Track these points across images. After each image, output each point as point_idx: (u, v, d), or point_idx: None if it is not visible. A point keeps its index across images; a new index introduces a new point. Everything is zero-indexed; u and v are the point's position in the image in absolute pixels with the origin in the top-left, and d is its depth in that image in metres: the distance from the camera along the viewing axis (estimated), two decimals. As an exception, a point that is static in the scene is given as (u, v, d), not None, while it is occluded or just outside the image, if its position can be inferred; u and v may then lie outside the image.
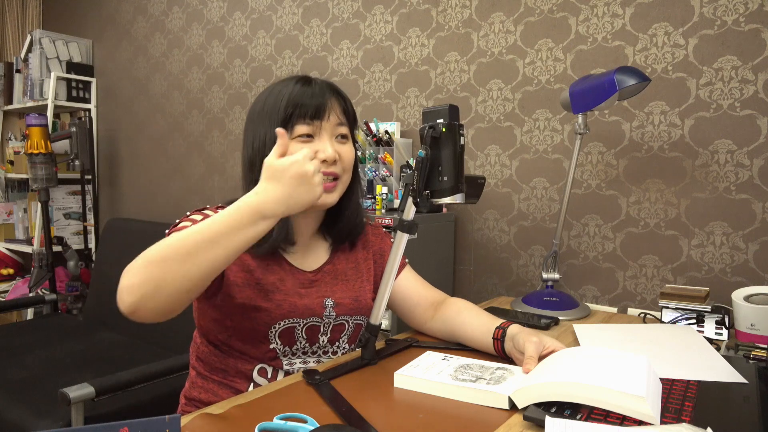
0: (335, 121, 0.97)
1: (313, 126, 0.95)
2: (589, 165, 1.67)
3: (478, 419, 0.78)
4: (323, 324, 1.01)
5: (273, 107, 0.96)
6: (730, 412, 0.77)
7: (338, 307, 1.03)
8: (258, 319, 0.95)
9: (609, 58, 1.62)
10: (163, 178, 2.99)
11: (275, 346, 0.97)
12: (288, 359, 0.99)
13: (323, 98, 0.96)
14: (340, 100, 1.00)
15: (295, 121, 0.94)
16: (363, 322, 1.08)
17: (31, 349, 1.92)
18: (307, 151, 0.80)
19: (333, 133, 0.97)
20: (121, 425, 0.59)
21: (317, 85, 0.98)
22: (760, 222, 1.43)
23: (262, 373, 0.98)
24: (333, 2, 2.23)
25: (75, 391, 1.26)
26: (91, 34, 3.35)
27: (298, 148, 0.93)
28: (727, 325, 1.21)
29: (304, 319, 0.98)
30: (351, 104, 1.03)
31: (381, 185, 1.87)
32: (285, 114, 0.94)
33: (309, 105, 0.94)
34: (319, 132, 0.96)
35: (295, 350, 0.99)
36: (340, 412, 0.78)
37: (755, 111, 1.42)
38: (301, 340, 0.99)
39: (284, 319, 0.96)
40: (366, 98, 2.15)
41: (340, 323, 1.04)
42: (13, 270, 3.41)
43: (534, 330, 1.01)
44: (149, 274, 0.74)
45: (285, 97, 0.95)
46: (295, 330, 0.98)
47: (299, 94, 0.95)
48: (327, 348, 1.03)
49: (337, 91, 1.00)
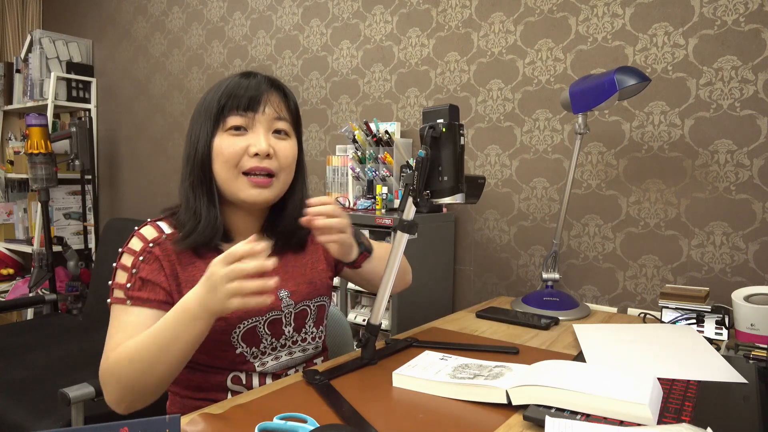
0: (272, 114, 0.94)
1: (246, 118, 0.92)
2: (589, 165, 1.67)
3: (478, 419, 0.78)
4: (284, 315, 0.98)
5: (210, 101, 0.94)
6: (730, 412, 0.77)
7: (295, 295, 1.00)
8: (216, 328, 0.90)
9: (609, 58, 1.62)
10: (163, 178, 2.99)
11: (241, 350, 0.94)
12: (259, 360, 0.96)
13: (259, 90, 0.93)
14: (279, 94, 0.97)
15: (228, 113, 0.92)
16: (326, 303, 1.06)
17: (31, 349, 1.92)
18: (224, 255, 0.76)
19: (269, 127, 0.94)
20: (121, 425, 0.59)
21: (257, 77, 0.96)
22: (760, 222, 1.43)
23: (236, 381, 0.95)
24: (333, 2, 2.23)
25: (75, 391, 1.26)
26: (91, 34, 3.35)
27: (230, 141, 0.92)
28: (727, 325, 1.21)
29: (263, 315, 0.95)
30: (294, 100, 1.00)
31: (381, 185, 1.87)
32: (219, 106, 0.92)
33: (243, 96, 0.92)
34: (252, 125, 0.93)
35: (263, 348, 0.96)
36: (340, 412, 0.78)
37: (755, 111, 1.42)
38: (266, 336, 0.96)
39: (243, 321, 0.93)
40: (366, 98, 2.15)
41: (301, 309, 1.01)
42: (13, 270, 3.41)
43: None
44: (125, 392, 0.84)
45: (221, 90, 0.93)
46: (257, 329, 0.95)
47: (235, 86, 0.93)
48: (295, 337, 1.00)
49: (277, 85, 0.97)
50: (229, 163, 0.92)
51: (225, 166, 0.92)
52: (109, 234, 2.42)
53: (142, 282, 0.89)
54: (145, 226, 0.96)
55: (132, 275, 0.90)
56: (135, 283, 0.89)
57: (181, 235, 0.92)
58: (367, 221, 1.69)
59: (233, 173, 0.92)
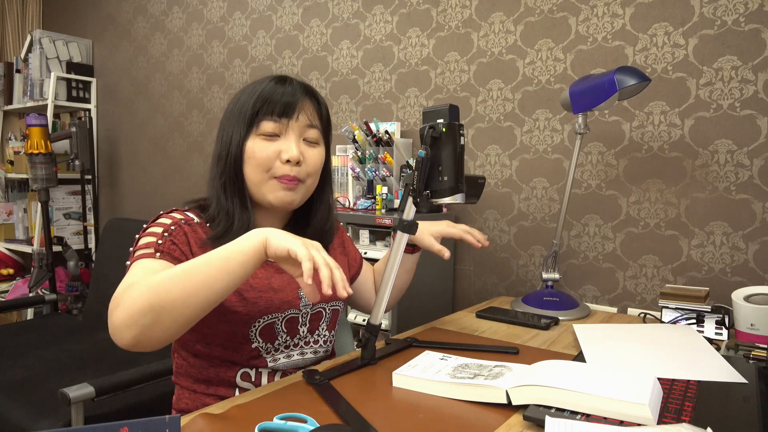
0: (305, 122, 0.95)
1: (279, 124, 0.93)
2: (589, 165, 1.67)
3: (478, 419, 0.78)
4: (301, 314, 1.00)
5: (244, 104, 0.94)
6: (730, 412, 0.77)
7: None
8: (236, 321, 0.93)
9: (609, 58, 1.62)
10: (162, 178, 2.99)
11: (257, 344, 0.96)
12: (272, 356, 0.97)
13: (294, 97, 0.94)
14: (314, 102, 0.97)
15: (262, 118, 0.92)
16: (339, 308, 1.08)
17: (31, 349, 1.92)
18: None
19: (301, 134, 0.95)
20: (121, 425, 0.59)
21: (292, 84, 0.96)
22: (760, 222, 1.43)
23: (245, 378, 0.96)
24: (333, 2, 2.23)
25: (75, 391, 1.26)
26: (91, 34, 3.35)
27: (262, 145, 0.92)
28: (727, 325, 1.21)
29: (282, 312, 0.97)
30: (326, 108, 1.00)
31: (381, 185, 1.87)
32: (253, 110, 0.93)
33: (278, 102, 0.92)
34: (285, 131, 0.93)
35: (278, 345, 0.98)
36: (340, 412, 0.78)
37: (755, 111, 1.42)
38: (282, 333, 0.98)
39: (263, 316, 0.95)
40: (366, 98, 2.15)
41: (317, 311, 1.03)
42: (13, 270, 3.41)
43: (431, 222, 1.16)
44: (149, 303, 0.72)
45: (256, 94, 0.94)
46: (275, 325, 0.97)
47: (270, 91, 0.93)
48: (308, 338, 1.02)
49: (312, 93, 0.98)
50: (261, 167, 0.93)
51: (256, 170, 0.93)
52: (109, 234, 2.41)
53: (173, 244, 0.88)
54: (173, 211, 0.96)
55: (163, 237, 0.88)
56: (166, 243, 0.87)
57: (213, 234, 0.93)
58: (367, 221, 1.69)
59: (264, 177, 0.94)
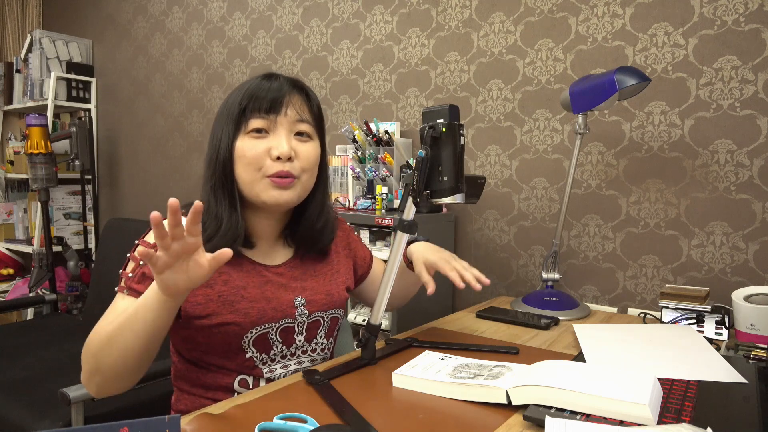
0: (294, 116, 0.92)
1: (267, 120, 0.91)
2: (589, 165, 1.67)
3: (478, 419, 0.78)
4: (297, 324, 0.97)
5: (232, 103, 0.93)
6: (730, 412, 0.77)
7: (310, 305, 0.99)
8: (228, 331, 0.91)
9: (609, 58, 1.62)
10: (162, 178, 2.99)
11: (251, 354, 0.94)
12: (267, 366, 0.95)
13: (281, 92, 0.92)
14: (302, 95, 0.95)
15: (250, 115, 0.91)
16: (339, 315, 1.05)
17: (31, 349, 1.92)
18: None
19: (291, 129, 0.92)
20: (121, 425, 0.59)
21: (279, 79, 0.94)
22: (760, 222, 1.43)
23: (243, 384, 0.95)
24: (333, 2, 2.23)
25: (75, 391, 1.26)
26: (91, 34, 3.35)
27: (252, 143, 0.91)
28: (727, 325, 1.21)
29: (275, 322, 0.95)
30: (317, 102, 0.98)
31: (381, 185, 1.87)
32: (240, 108, 0.91)
33: (264, 98, 0.90)
34: (274, 127, 0.91)
35: (273, 355, 0.96)
36: (340, 412, 0.78)
37: (755, 111, 1.42)
38: (276, 344, 0.95)
39: (255, 327, 0.93)
40: (366, 98, 2.15)
41: (314, 320, 1.00)
42: (13, 270, 3.41)
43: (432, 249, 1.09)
44: (91, 366, 0.80)
45: (243, 92, 0.92)
46: (269, 335, 0.94)
47: (256, 88, 0.92)
48: (305, 347, 1.00)
49: (300, 86, 0.95)
50: (251, 165, 0.90)
51: (247, 169, 0.91)
52: (109, 234, 2.41)
53: (143, 276, 0.87)
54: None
55: (138, 266, 0.88)
56: (137, 275, 0.87)
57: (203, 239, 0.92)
58: (367, 221, 1.69)
59: (256, 176, 0.91)
